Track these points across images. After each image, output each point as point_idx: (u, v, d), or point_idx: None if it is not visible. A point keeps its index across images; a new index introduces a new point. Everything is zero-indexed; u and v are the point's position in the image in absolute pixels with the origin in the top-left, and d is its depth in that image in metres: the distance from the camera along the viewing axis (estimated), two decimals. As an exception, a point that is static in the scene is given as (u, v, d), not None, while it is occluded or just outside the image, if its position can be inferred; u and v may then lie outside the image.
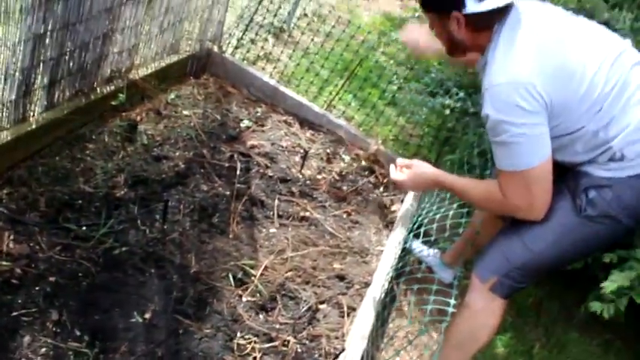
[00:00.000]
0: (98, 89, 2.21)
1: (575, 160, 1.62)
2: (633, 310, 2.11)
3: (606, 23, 2.13)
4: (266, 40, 3.31)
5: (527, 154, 1.52)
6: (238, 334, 1.78)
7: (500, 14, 1.58)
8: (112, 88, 2.26)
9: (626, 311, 2.00)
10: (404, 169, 1.85)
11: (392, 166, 1.89)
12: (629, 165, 1.55)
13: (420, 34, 2.02)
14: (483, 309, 1.69)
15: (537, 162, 1.52)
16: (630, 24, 2.04)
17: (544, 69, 1.51)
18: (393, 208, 2.68)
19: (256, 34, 3.32)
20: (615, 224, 1.58)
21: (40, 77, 1.91)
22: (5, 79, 1.77)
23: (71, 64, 2.01)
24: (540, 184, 1.56)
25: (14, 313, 1.53)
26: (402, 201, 2.72)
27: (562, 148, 1.61)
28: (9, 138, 1.84)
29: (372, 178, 2.77)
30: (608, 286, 1.78)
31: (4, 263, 1.63)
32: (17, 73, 1.79)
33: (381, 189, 2.76)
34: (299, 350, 1.82)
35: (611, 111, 1.54)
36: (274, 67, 3.22)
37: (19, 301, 1.57)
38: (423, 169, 1.83)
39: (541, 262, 1.65)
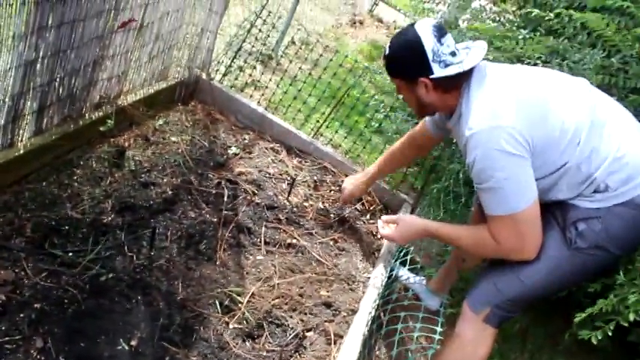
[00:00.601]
0: (87, 115, 2.22)
1: (561, 198, 1.67)
2: (617, 336, 2.13)
3: (577, 62, 2.21)
4: (254, 67, 3.35)
5: (513, 198, 1.56)
6: (225, 363, 1.77)
7: (466, 74, 1.68)
8: (101, 114, 2.27)
9: (613, 337, 2.02)
10: (391, 225, 1.90)
11: (379, 222, 1.97)
12: (613, 194, 1.59)
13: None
14: (474, 339, 1.71)
15: (524, 205, 1.56)
16: (600, 61, 2.12)
17: (521, 111, 1.57)
18: (380, 235, 2.69)
19: (245, 61, 3.37)
20: (605, 254, 1.62)
21: (29, 103, 1.91)
22: (-6, 104, 1.78)
23: (61, 90, 2.02)
24: (530, 226, 1.60)
25: (-3, 341, 1.51)
26: (388, 228, 2.74)
27: (548, 190, 1.66)
28: (-4, 163, 1.83)
29: (358, 206, 2.80)
30: (593, 309, 1.81)
31: (-11, 290, 1.61)
32: (7, 99, 1.80)
33: (368, 216, 2.78)
34: (286, 379, 1.81)
35: (589, 142, 1.60)
36: (262, 95, 3.26)
37: (3, 328, 1.54)
38: (411, 222, 1.89)
39: (533, 293, 1.68)
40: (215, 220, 2.23)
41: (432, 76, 1.69)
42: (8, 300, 1.62)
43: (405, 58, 1.72)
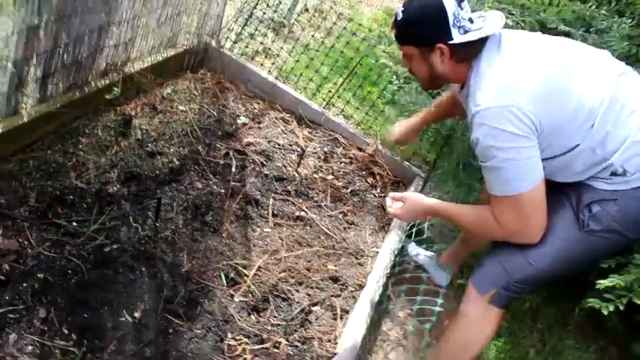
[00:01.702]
0: (93, 83, 2.17)
1: (578, 179, 1.59)
2: (629, 316, 2.09)
3: (603, 31, 2.10)
4: (265, 35, 3.27)
5: (517, 179, 1.50)
6: (229, 335, 1.76)
7: (482, 44, 1.59)
8: (107, 81, 2.22)
9: (622, 317, 1.98)
10: (397, 203, 1.85)
11: (387, 199, 1.89)
12: (632, 178, 1.52)
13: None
14: (480, 318, 1.67)
15: (528, 187, 1.50)
16: (629, 30, 2.01)
17: (530, 91, 1.49)
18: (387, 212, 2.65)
19: (256, 29, 3.28)
20: (618, 238, 1.56)
21: (33, 70, 1.87)
22: (-2, 70, 1.74)
23: (65, 56, 1.97)
24: (533, 209, 1.54)
25: (0, 310, 1.50)
26: (398, 202, 2.69)
27: (562, 169, 1.59)
28: (1, 131, 1.80)
29: (369, 179, 2.75)
30: (604, 282, 1.75)
31: (-8, 259, 1.60)
32: (9, 65, 1.76)
33: (378, 190, 2.73)
34: (290, 353, 1.79)
35: (604, 126, 1.52)
36: (273, 63, 3.19)
37: (7, 298, 1.54)
38: (417, 201, 1.82)
39: (542, 276, 1.62)
40: (222, 191, 2.20)
41: (450, 42, 1.59)
42: (12, 269, 1.61)
43: (425, 22, 1.61)
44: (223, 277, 1.91)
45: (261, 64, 3.11)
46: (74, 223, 1.80)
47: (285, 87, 2.89)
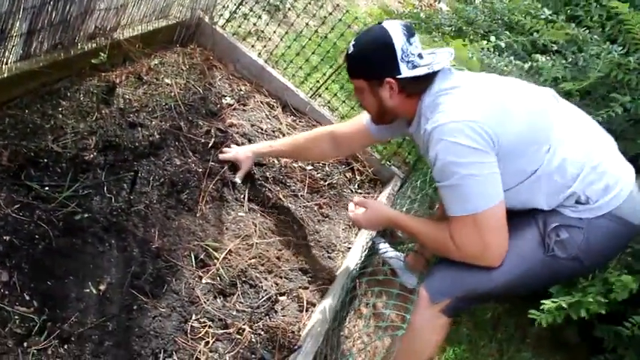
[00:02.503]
0: (79, 45, 2.11)
1: (542, 208, 1.62)
2: (585, 332, 2.14)
3: (593, 56, 2.13)
4: (259, 17, 3.22)
5: (477, 196, 1.49)
6: (193, 317, 1.74)
7: (430, 80, 1.62)
8: (94, 45, 2.16)
9: (580, 333, 2.02)
10: (360, 208, 1.85)
11: (350, 203, 1.90)
12: (595, 206, 1.57)
13: None
14: (428, 327, 1.65)
15: (489, 204, 1.49)
16: (618, 58, 2.04)
17: (485, 108, 1.52)
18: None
19: (251, 9, 3.23)
20: (579, 266, 1.59)
21: (18, 24, 1.80)
22: (-19, 22, 1.67)
23: (54, 14, 1.91)
24: (493, 229, 1.52)
25: (-38, 270, 1.46)
26: (375, 199, 2.70)
27: (525, 200, 1.61)
28: (-23, 84, 1.74)
29: (348, 173, 2.75)
30: (548, 303, 1.80)
31: (-43, 215, 1.55)
32: (-5, 18, 1.69)
33: (356, 185, 2.73)
34: (253, 340, 1.79)
35: (560, 151, 1.56)
36: (264, 46, 3.15)
37: (-31, 257, 1.49)
38: (378, 210, 1.83)
39: (498, 291, 1.63)
40: (200, 170, 2.17)
41: (399, 76, 1.62)
42: (-23, 228, 1.56)
43: (373, 57, 1.64)
44: (193, 257, 1.89)
45: (252, 46, 3.07)
46: (46, 188, 1.75)
47: (273, 72, 2.86)
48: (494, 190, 1.50)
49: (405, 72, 1.61)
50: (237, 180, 2.23)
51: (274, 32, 3.28)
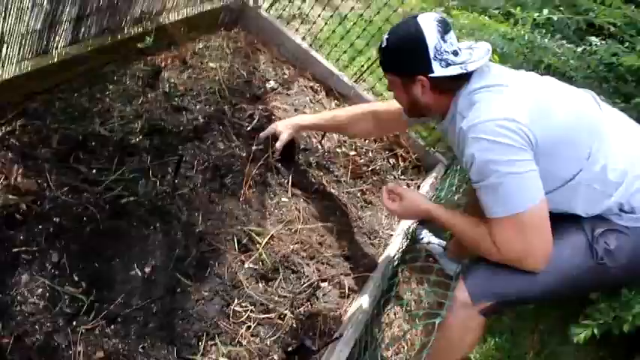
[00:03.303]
0: (126, 29, 2.13)
1: (580, 215, 1.55)
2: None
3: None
4: (304, 0, 3.19)
5: (518, 195, 1.43)
6: (236, 301, 1.75)
7: (466, 77, 1.56)
8: (140, 29, 2.18)
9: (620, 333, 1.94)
10: (395, 198, 1.78)
11: (384, 189, 1.82)
12: None
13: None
14: (463, 327, 1.59)
15: (531, 203, 1.43)
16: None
17: (523, 107, 1.45)
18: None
19: (295, -8, 3.20)
20: (623, 274, 1.53)
21: (68, 9, 1.84)
22: (32, 8, 1.71)
23: (102, 1, 1.93)
24: (537, 230, 1.45)
25: (15, 249, 1.51)
26: (418, 187, 2.66)
27: (562, 204, 1.54)
28: (29, 69, 1.78)
29: (392, 159, 2.71)
30: (577, 332, 1.74)
31: (11, 197, 1.60)
32: (45, 3, 1.72)
33: (399, 171, 2.69)
34: (294, 326, 1.79)
35: (599, 158, 1.49)
36: (309, 30, 3.11)
37: (21, 238, 1.54)
38: (415, 201, 1.74)
39: (542, 296, 1.58)
40: (244, 154, 2.17)
41: (431, 75, 1.56)
42: (29, 210, 1.60)
43: (404, 53, 1.59)
44: (236, 242, 1.90)
45: (297, 30, 3.04)
46: (94, 171, 1.79)
47: (318, 56, 2.83)
48: (535, 188, 1.43)
49: (438, 70, 1.56)
50: (277, 146, 2.18)
51: (319, 15, 3.23)
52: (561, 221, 1.52)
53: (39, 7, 1.72)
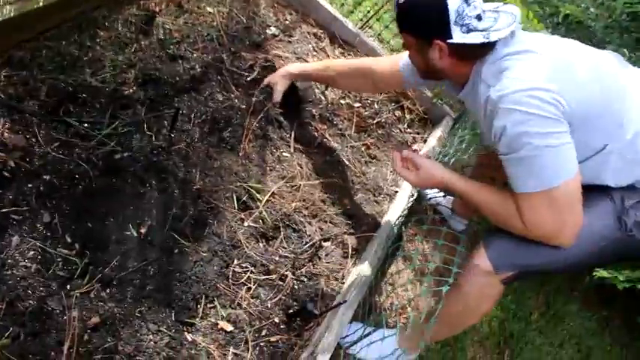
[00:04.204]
0: (116, -30, 1.98)
1: (610, 185, 1.47)
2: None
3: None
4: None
5: (552, 169, 1.34)
6: (235, 262, 1.70)
7: (489, 46, 1.43)
8: (132, -30, 2.02)
9: (625, 290, 1.91)
10: (411, 167, 1.67)
11: (396, 154, 1.70)
12: None
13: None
14: (481, 294, 1.54)
15: (564, 177, 1.34)
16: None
17: (557, 76, 1.35)
18: (415, 147, 2.53)
19: None
20: None
21: (52, -52, 1.69)
22: (12, -54, 1.56)
23: (89, -63, 1.78)
24: (570, 206, 1.37)
25: (4, 210, 1.43)
26: (424, 141, 2.57)
27: (592, 174, 1.45)
28: (12, 14, 1.65)
29: (397, 112, 2.60)
30: (602, 273, 1.69)
31: (-2, 153, 1.51)
32: (26, -60, 1.58)
33: (405, 125, 2.59)
34: (295, 287, 1.75)
35: (632, 126, 1.40)
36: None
37: (10, 197, 1.46)
38: (433, 171, 1.62)
39: (567, 267, 1.51)
40: (244, 106, 2.06)
41: (449, 41, 1.43)
42: (17, 167, 1.52)
43: (423, 14, 1.45)
44: (235, 199, 1.83)
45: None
46: (85, 125, 1.69)
47: (321, 0, 2.66)
48: (570, 161, 1.34)
49: (458, 37, 1.42)
50: (275, 98, 2.11)
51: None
52: (588, 191, 1.45)
53: (20, -54, 1.58)
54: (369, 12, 2.87)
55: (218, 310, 1.59)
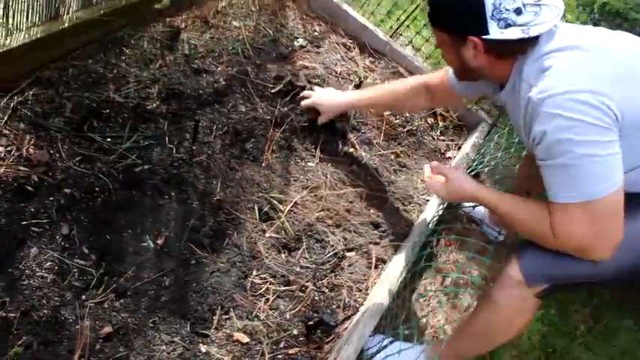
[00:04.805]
0: (142, -10, 2.04)
1: None
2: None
3: None
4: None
5: (593, 181, 1.22)
6: (254, 273, 1.68)
7: (530, 42, 1.32)
8: (157, -11, 2.08)
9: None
10: (439, 177, 1.61)
11: (426, 167, 1.66)
12: None
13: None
14: (514, 310, 1.45)
15: (607, 191, 1.23)
16: None
17: (606, 76, 1.23)
18: (449, 154, 2.45)
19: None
20: None
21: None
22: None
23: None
24: (609, 219, 1.26)
25: (25, 222, 1.48)
26: (459, 148, 2.48)
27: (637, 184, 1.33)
28: (39, 35, 1.72)
29: (430, 119, 2.53)
30: None
31: (22, 168, 1.56)
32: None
33: (438, 132, 2.51)
34: (316, 298, 1.71)
35: None
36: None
37: (32, 210, 1.51)
38: (461, 182, 1.56)
39: (605, 280, 1.39)
40: (268, 117, 2.06)
41: (485, 37, 1.33)
42: (40, 181, 1.57)
43: (457, 8, 1.35)
44: (257, 210, 1.81)
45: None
46: (108, 139, 1.73)
47: (350, 10, 2.64)
48: (614, 174, 1.23)
49: (495, 32, 1.32)
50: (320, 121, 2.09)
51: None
52: (629, 198, 1.34)
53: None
54: (399, 19, 2.82)
55: (234, 322, 1.56)
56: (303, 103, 2.11)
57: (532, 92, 1.28)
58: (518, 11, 1.31)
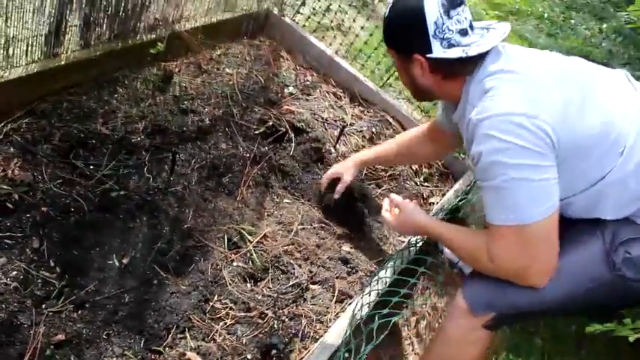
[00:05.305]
0: (139, 36, 2.22)
1: (609, 218, 1.35)
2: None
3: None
4: (346, 12, 3.17)
5: (526, 205, 1.25)
6: (215, 298, 1.73)
7: (475, 62, 1.38)
8: (154, 36, 2.26)
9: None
10: (395, 209, 1.69)
11: (386, 200, 1.74)
12: None
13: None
14: (464, 340, 1.45)
15: (541, 215, 1.25)
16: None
17: (546, 101, 1.27)
18: (432, 200, 2.49)
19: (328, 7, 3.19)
20: None
21: (76, 14, 1.94)
22: (37, 12, 1.82)
23: (109, 9, 2.02)
24: (542, 244, 1.28)
25: (-1, 235, 1.59)
26: (443, 194, 2.52)
27: (589, 206, 1.35)
28: (36, 70, 1.90)
29: (414, 165, 2.59)
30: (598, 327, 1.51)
31: (4, 187, 1.68)
32: (52, 9, 1.83)
33: (422, 178, 2.57)
34: (274, 326, 1.73)
35: (634, 152, 1.29)
36: (341, 43, 3.06)
37: (7, 224, 1.61)
38: (413, 215, 1.63)
39: (550, 311, 1.40)
40: (247, 155, 2.17)
41: (428, 55, 1.40)
42: (21, 199, 1.68)
43: (402, 27, 1.43)
44: (226, 239, 1.88)
45: (323, 37, 3.02)
46: (91, 166, 1.86)
47: (342, 61, 2.80)
48: (547, 199, 1.26)
49: (438, 51, 1.39)
50: (336, 196, 2.12)
51: (354, 20, 3.20)
52: (578, 226, 1.36)
53: (43, 13, 1.83)
54: (389, 70, 2.96)
55: (188, 341, 1.60)
56: (324, 176, 2.16)
57: (472, 113, 1.32)
58: (463, 32, 1.39)
